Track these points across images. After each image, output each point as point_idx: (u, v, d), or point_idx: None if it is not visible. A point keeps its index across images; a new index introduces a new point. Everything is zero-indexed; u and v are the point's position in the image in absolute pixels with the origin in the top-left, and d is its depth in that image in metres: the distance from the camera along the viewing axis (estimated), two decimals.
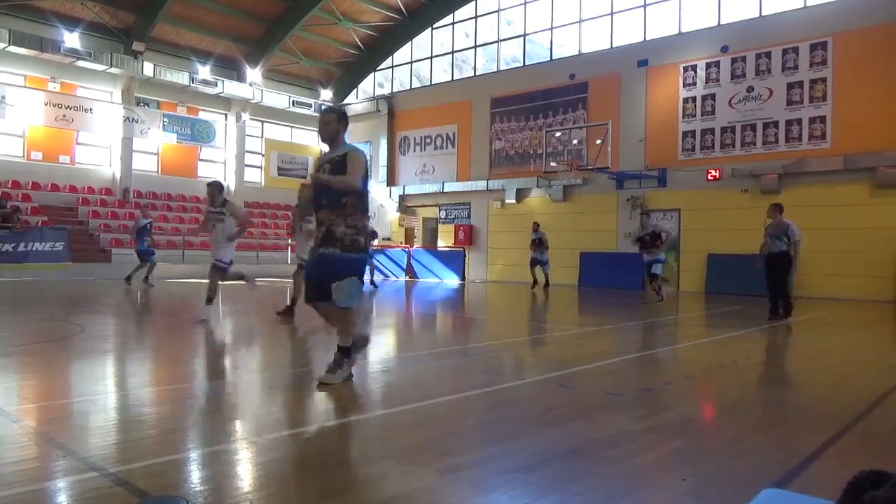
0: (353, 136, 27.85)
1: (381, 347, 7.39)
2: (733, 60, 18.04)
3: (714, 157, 18.21)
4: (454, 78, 24.92)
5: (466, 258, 22.85)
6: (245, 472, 2.91)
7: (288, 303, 9.21)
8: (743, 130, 17.83)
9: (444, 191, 24.38)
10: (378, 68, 27.42)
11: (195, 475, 2.85)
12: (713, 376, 5.88)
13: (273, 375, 5.32)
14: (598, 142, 19.23)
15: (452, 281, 21.92)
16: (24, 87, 21.05)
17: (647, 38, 19.86)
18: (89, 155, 22.70)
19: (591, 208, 20.45)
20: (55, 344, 6.74)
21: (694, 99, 18.66)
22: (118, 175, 22.84)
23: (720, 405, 4.73)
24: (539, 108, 22.00)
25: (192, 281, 16.92)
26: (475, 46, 24.37)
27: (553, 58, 22.16)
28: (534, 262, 17.60)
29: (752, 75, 17.72)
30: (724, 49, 18.16)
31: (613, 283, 18.69)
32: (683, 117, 18.83)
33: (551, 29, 22.22)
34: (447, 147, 24.80)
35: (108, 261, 19.32)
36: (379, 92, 27.41)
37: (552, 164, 20.14)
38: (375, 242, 18.53)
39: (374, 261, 19.77)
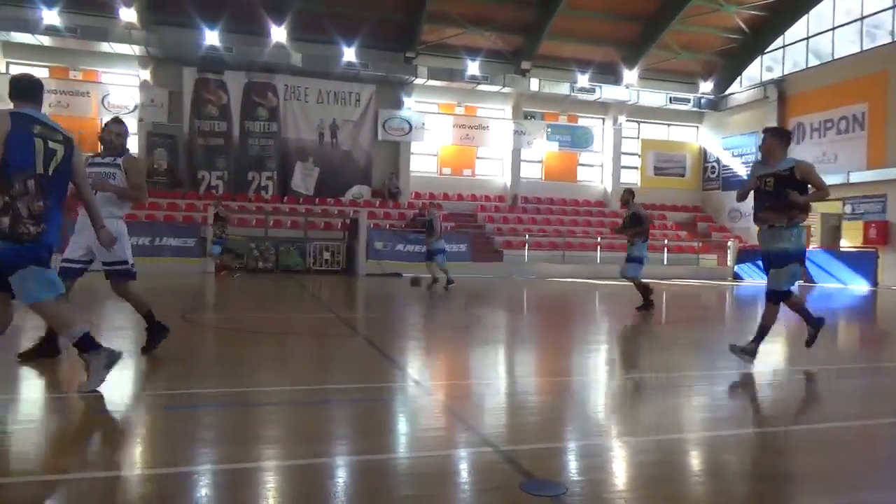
0: (733, 128, 25.94)
1: (770, 356, 6.73)
2: None
3: None
4: (863, 48, 21.21)
5: (879, 260, 19.24)
6: (619, 470, 2.97)
7: None
8: None
9: (850, 182, 20.91)
10: (766, 51, 24.94)
11: (573, 465, 3.02)
12: None
13: (642, 378, 5.29)
14: None
15: (860, 287, 18.71)
16: (438, 113, 25.11)
17: None
18: (486, 167, 25.85)
19: None
20: (458, 331, 7.85)
21: None
22: (508, 183, 25.47)
23: None
24: None
25: (571, 280, 17.77)
26: (894, 6, 20.34)
27: None
28: (635, 260, 10.19)
29: None
30: None
31: None
32: None
33: None
34: (853, 130, 21.25)
35: (500, 260, 21.65)
36: (767, 76, 24.91)
37: None
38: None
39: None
